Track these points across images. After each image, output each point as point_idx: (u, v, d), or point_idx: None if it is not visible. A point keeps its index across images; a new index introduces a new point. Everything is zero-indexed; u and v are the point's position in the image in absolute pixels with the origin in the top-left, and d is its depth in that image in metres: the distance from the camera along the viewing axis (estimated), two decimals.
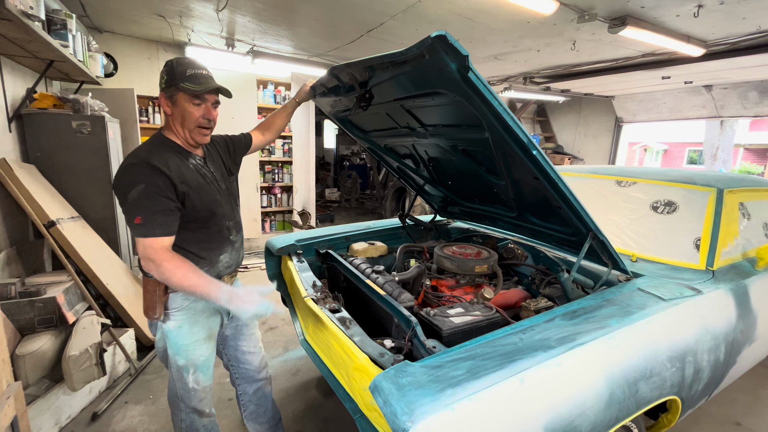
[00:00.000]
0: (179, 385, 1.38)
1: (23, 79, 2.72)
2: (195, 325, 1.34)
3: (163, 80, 1.26)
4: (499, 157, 1.50)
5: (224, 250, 1.38)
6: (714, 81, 5.38)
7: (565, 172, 2.61)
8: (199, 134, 1.30)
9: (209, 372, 1.41)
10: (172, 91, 1.24)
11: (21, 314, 1.93)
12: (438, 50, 0.98)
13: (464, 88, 1.07)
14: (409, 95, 1.43)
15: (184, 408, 1.41)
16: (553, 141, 8.24)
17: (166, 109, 1.28)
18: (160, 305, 1.29)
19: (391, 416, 0.88)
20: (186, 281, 1.15)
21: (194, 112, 1.26)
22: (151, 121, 4.44)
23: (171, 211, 1.20)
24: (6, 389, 1.35)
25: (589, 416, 1.05)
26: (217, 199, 1.34)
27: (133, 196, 1.15)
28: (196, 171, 1.31)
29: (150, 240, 1.15)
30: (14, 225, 2.42)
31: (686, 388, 1.36)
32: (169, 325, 1.32)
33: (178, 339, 1.33)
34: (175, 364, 1.35)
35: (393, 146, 2.17)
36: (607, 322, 1.23)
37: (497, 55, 4.28)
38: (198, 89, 1.23)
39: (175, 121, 1.28)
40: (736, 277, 1.67)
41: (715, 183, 1.91)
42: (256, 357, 1.62)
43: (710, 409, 2.17)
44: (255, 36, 3.90)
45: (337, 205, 8.79)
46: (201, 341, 1.36)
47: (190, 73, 1.23)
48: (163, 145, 1.28)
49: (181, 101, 1.25)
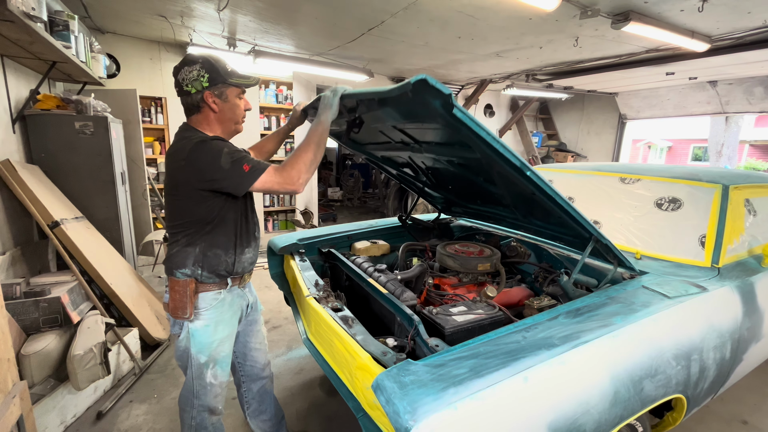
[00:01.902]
0: (197, 383, 1.38)
1: (26, 81, 2.73)
2: (220, 323, 1.36)
3: (203, 79, 1.24)
4: (494, 174, 1.51)
5: (250, 243, 1.41)
6: (719, 77, 5.33)
7: (568, 170, 2.60)
8: (241, 125, 1.37)
9: (227, 368, 1.44)
10: (221, 88, 1.27)
11: (26, 314, 1.94)
12: (421, 91, 0.98)
13: (451, 121, 1.07)
14: (399, 123, 1.44)
15: (197, 405, 1.42)
16: (556, 138, 8.20)
17: (214, 107, 1.28)
18: (190, 305, 1.30)
19: (393, 415, 0.87)
20: (308, 154, 1.22)
21: (242, 105, 1.33)
22: (153, 121, 4.46)
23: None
24: (12, 388, 1.36)
25: (593, 415, 1.04)
26: (250, 194, 1.38)
27: (227, 159, 1.18)
28: None
29: (266, 175, 1.19)
30: (19, 226, 2.44)
31: (692, 387, 1.35)
32: (197, 324, 1.33)
33: (203, 337, 1.34)
34: (196, 362, 1.35)
35: (390, 157, 2.17)
36: (612, 320, 1.22)
37: (499, 52, 4.26)
38: (250, 83, 1.29)
39: (224, 117, 1.31)
40: (742, 274, 1.65)
41: (720, 179, 1.89)
42: (261, 354, 1.65)
43: (716, 408, 2.15)
44: (256, 35, 3.90)
45: (339, 204, 8.79)
46: (225, 339, 1.39)
47: (230, 69, 1.27)
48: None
49: (232, 97, 1.29)
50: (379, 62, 4.98)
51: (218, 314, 1.35)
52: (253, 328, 1.61)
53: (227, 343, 1.41)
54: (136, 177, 3.74)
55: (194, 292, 1.31)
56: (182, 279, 1.28)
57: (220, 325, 1.36)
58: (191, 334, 1.33)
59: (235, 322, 1.44)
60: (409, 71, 5.53)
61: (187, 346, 1.35)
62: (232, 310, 1.40)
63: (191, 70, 1.25)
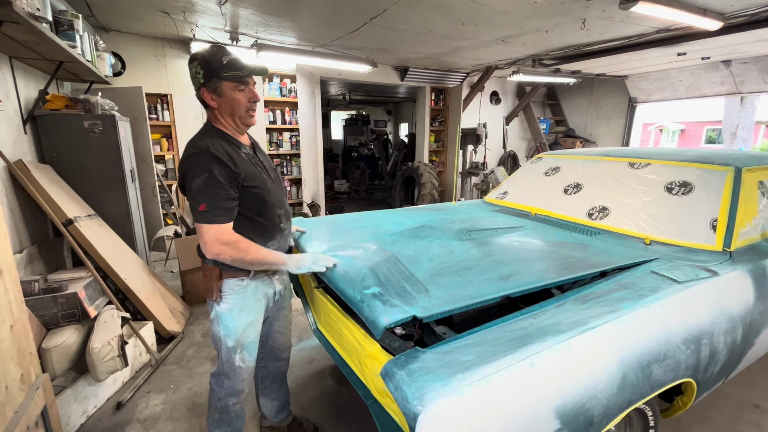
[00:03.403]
0: (226, 366, 1.45)
1: (35, 81, 2.77)
2: (244, 309, 1.40)
3: (199, 75, 1.25)
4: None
5: (274, 237, 1.43)
6: (733, 56, 5.17)
7: (576, 156, 2.57)
8: (248, 117, 1.33)
9: (254, 353, 1.49)
10: (215, 84, 1.25)
11: (45, 309, 2.00)
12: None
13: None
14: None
15: (226, 386, 1.48)
16: (564, 124, 8.07)
17: (212, 103, 1.29)
18: (216, 289, 1.37)
19: (402, 401, 0.89)
20: (259, 255, 1.28)
21: (242, 99, 1.28)
22: (160, 118, 4.50)
23: (231, 200, 1.26)
24: (35, 380, 1.41)
25: (601, 399, 1.05)
26: (268, 187, 1.38)
27: (198, 185, 1.20)
28: (248, 160, 1.34)
29: (215, 226, 1.22)
30: (34, 224, 2.50)
31: (702, 371, 1.35)
32: (222, 307, 1.39)
33: (229, 321, 1.39)
34: (225, 345, 1.42)
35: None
36: (620, 305, 1.22)
37: (504, 37, 4.18)
38: (242, 74, 1.24)
39: (223, 113, 1.30)
40: (755, 257, 1.62)
41: (733, 162, 1.85)
42: (283, 338, 1.71)
43: (727, 392, 2.14)
44: (258, 29, 3.89)
45: (346, 197, 8.81)
46: (250, 324, 1.43)
47: (226, 61, 1.23)
48: (217, 136, 1.30)
49: (227, 91, 1.26)
50: (382, 52, 4.94)
51: (241, 300, 1.39)
52: (280, 313, 1.66)
53: (253, 329, 1.45)
54: (145, 174, 3.79)
55: (218, 278, 1.37)
56: (209, 265, 1.35)
57: (244, 311, 1.40)
58: (219, 316, 1.40)
59: (260, 309, 1.47)
60: (414, 59, 5.47)
61: (217, 328, 1.42)
62: (256, 297, 1.43)
63: (192, 68, 1.27)
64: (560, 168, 2.54)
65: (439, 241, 1.67)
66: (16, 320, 1.33)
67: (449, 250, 1.57)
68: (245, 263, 1.28)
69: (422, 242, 1.66)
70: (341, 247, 1.63)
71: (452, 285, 1.25)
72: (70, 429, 1.84)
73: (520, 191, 2.63)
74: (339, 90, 8.41)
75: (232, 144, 1.32)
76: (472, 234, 1.79)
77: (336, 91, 8.62)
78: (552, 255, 1.55)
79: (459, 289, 1.22)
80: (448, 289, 1.21)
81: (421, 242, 1.66)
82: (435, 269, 1.37)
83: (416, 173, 6.24)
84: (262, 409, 1.79)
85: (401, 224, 1.93)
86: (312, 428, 1.84)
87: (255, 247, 1.29)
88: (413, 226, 1.88)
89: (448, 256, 1.50)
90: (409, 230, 1.83)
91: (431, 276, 1.31)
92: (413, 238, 1.72)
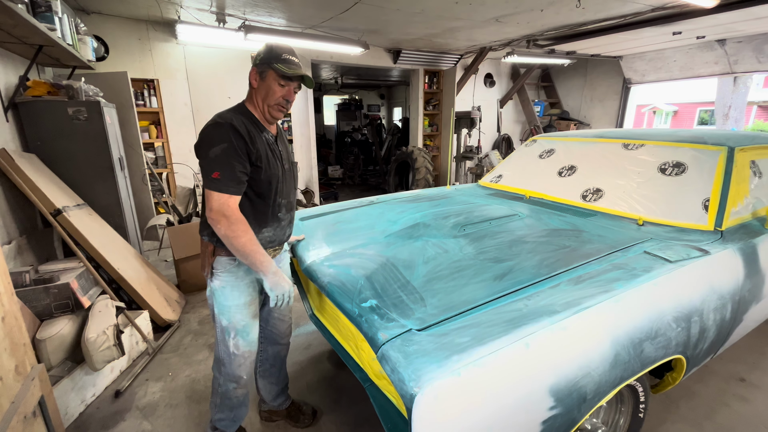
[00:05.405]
0: (221, 348, 1.49)
1: (14, 67, 2.67)
2: (235, 289, 1.43)
3: (258, 57, 1.35)
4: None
5: (270, 224, 1.44)
6: (728, 34, 5.13)
7: (570, 138, 2.56)
8: (276, 110, 1.38)
9: (249, 338, 1.49)
10: (264, 68, 1.34)
11: (37, 300, 1.98)
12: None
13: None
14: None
15: (224, 372, 1.51)
16: (558, 107, 8.03)
17: (254, 83, 1.37)
18: (208, 265, 1.43)
19: (399, 383, 0.90)
20: (249, 245, 1.28)
21: (278, 91, 1.35)
22: (147, 104, 4.38)
23: (244, 174, 1.30)
24: (30, 371, 1.41)
25: (594, 377, 1.07)
26: (278, 175, 1.41)
27: (216, 152, 1.25)
28: (267, 145, 1.39)
29: (225, 196, 1.26)
30: (22, 215, 2.45)
31: (691, 347, 1.38)
32: (215, 284, 1.43)
33: (221, 299, 1.43)
34: (219, 324, 1.46)
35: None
36: (613, 285, 1.23)
37: (498, 17, 4.10)
38: (288, 72, 1.32)
39: (258, 96, 1.37)
40: (745, 236, 1.64)
41: (726, 141, 1.86)
42: (283, 324, 1.72)
43: (715, 367, 2.20)
44: (246, 9, 3.77)
45: (340, 183, 8.75)
46: (241, 306, 1.45)
47: (284, 58, 1.33)
48: (244, 115, 1.36)
49: (269, 79, 1.34)
50: (374, 33, 4.82)
51: (233, 279, 1.42)
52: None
53: (245, 311, 1.46)
54: (134, 162, 3.72)
55: (212, 254, 1.41)
56: (205, 240, 1.42)
57: (236, 290, 1.43)
58: (213, 293, 1.44)
59: (253, 291, 1.48)
60: (406, 41, 5.35)
61: (212, 304, 1.46)
62: (249, 278, 1.45)
63: (260, 50, 1.36)
64: (555, 150, 2.53)
65: (433, 241, 1.69)
66: (7, 312, 1.31)
67: (444, 250, 1.59)
68: (231, 246, 1.28)
69: (417, 243, 1.68)
70: (338, 256, 1.64)
71: (447, 290, 1.27)
72: (69, 418, 1.85)
73: (515, 174, 2.63)
74: (331, 74, 8.25)
75: (256, 126, 1.37)
76: (467, 228, 1.80)
77: (328, 75, 8.46)
78: (546, 246, 1.56)
79: (454, 294, 1.24)
80: (444, 296, 1.24)
81: (416, 243, 1.68)
82: (430, 273, 1.40)
83: (410, 158, 6.20)
84: (261, 392, 1.81)
85: (396, 222, 1.94)
86: (310, 411, 1.86)
87: (249, 237, 1.29)
88: (408, 225, 1.89)
89: (443, 257, 1.52)
90: (404, 230, 1.85)
91: (427, 282, 1.34)
92: (408, 238, 1.74)
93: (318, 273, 1.54)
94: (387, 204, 2.32)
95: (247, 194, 1.36)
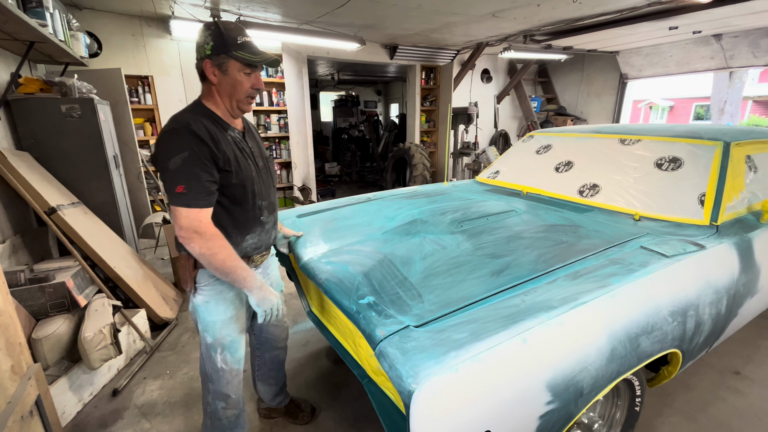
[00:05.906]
0: (208, 364, 1.38)
1: (5, 64, 2.63)
2: (221, 303, 1.33)
3: (208, 46, 1.16)
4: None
5: (253, 230, 1.33)
6: (724, 29, 5.14)
7: (566, 134, 2.56)
8: (246, 103, 1.26)
9: (237, 354, 1.39)
10: (222, 59, 1.17)
11: (33, 300, 1.97)
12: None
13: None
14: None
15: (211, 390, 1.41)
16: (555, 102, 8.02)
17: (212, 78, 1.20)
18: (190, 280, 1.30)
19: (396, 379, 0.90)
20: (229, 261, 1.16)
21: (245, 83, 1.21)
22: (142, 101, 4.35)
23: (213, 183, 1.16)
24: (26, 371, 1.40)
25: (590, 372, 1.07)
26: (252, 176, 1.28)
27: (176, 163, 1.10)
28: (234, 144, 1.24)
29: (195, 211, 1.12)
30: (16, 213, 2.43)
31: (687, 341, 1.39)
32: (198, 299, 1.32)
33: (205, 315, 1.33)
34: (204, 341, 1.36)
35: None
36: (610, 280, 1.23)
37: (495, 12, 4.08)
38: (255, 59, 1.17)
39: (221, 91, 1.22)
40: (741, 231, 1.65)
41: (722, 136, 1.86)
42: (278, 330, 1.68)
43: (710, 360, 2.22)
44: (241, 5, 3.73)
45: (337, 180, 8.73)
46: (227, 321, 1.35)
47: (241, 41, 1.17)
48: (203, 114, 1.21)
49: (233, 70, 1.18)
50: (370, 28, 4.79)
51: (218, 292, 1.32)
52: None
53: (233, 325, 1.36)
54: (129, 160, 3.69)
55: (193, 267, 1.29)
56: (184, 254, 1.27)
57: (221, 304, 1.33)
58: (196, 308, 1.34)
59: (240, 303, 1.38)
60: (403, 37, 5.32)
61: (195, 320, 1.36)
62: (234, 291, 1.34)
63: (202, 36, 1.18)
64: (551, 146, 2.53)
65: (431, 237, 1.68)
66: (2, 311, 1.30)
67: (441, 246, 1.58)
68: (210, 265, 1.16)
69: (414, 239, 1.67)
70: (335, 253, 1.63)
71: (445, 286, 1.26)
72: (66, 417, 1.84)
73: (512, 170, 2.63)
74: (327, 70, 8.20)
75: (219, 125, 1.22)
76: (464, 224, 1.80)
77: (324, 71, 8.40)
78: (543, 242, 1.56)
79: (451, 290, 1.24)
80: (441, 292, 1.23)
81: (414, 239, 1.67)
82: (428, 269, 1.39)
83: (408, 154, 6.19)
84: (260, 393, 1.80)
85: (394, 219, 1.94)
86: (309, 409, 1.87)
87: (228, 253, 1.16)
88: (405, 221, 1.88)
89: (440, 253, 1.51)
90: (402, 226, 1.84)
91: (424, 278, 1.33)
92: (405, 235, 1.74)
93: (315, 270, 1.53)
94: (384, 200, 2.31)
95: (220, 203, 1.22)
